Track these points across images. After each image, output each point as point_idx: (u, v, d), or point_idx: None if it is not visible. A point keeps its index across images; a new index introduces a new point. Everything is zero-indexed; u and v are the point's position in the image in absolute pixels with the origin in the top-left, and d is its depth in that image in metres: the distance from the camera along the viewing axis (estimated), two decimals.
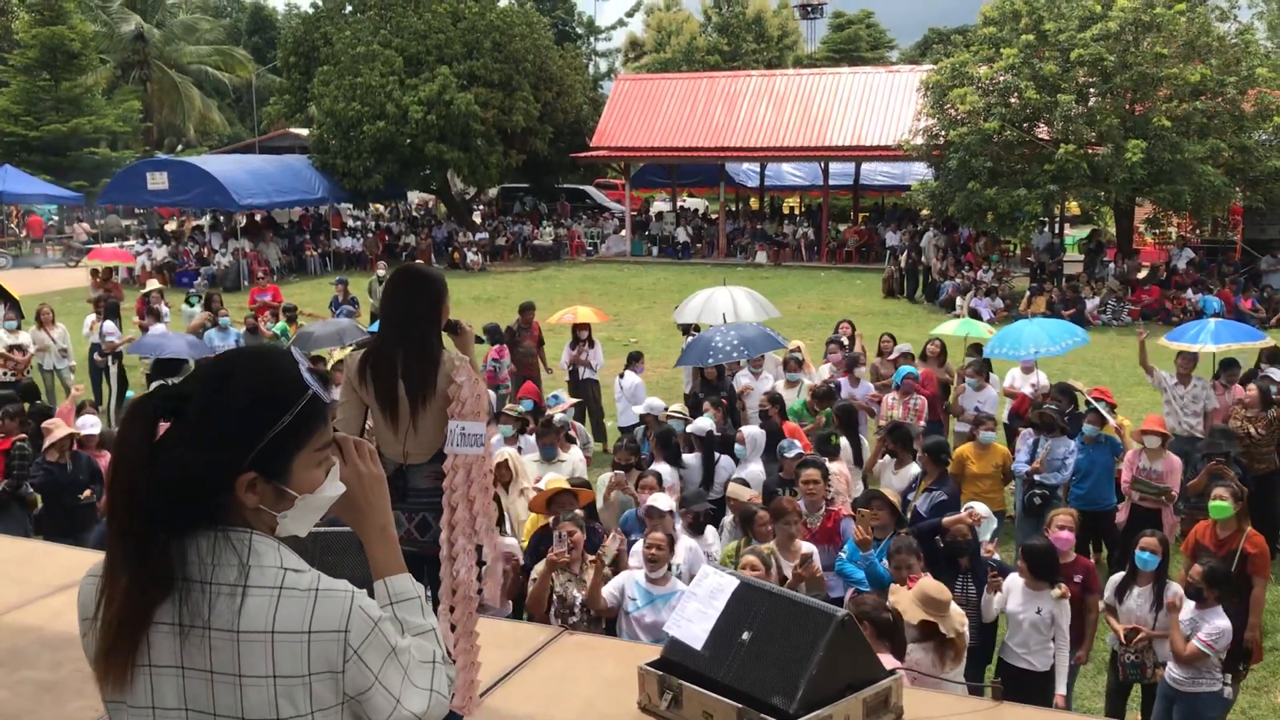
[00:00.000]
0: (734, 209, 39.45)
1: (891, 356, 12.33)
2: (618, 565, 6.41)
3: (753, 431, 9.30)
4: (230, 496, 1.85)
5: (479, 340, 4.36)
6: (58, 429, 8.82)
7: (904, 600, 5.75)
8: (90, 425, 9.41)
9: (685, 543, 6.68)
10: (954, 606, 5.85)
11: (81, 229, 39.08)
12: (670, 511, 6.71)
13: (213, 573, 1.81)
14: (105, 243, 33.06)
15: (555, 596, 6.10)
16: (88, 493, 8.67)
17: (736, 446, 8.97)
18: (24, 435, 8.97)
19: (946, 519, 7.02)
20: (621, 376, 12.79)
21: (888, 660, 4.68)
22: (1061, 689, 6.40)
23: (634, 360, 13.01)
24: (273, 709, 1.80)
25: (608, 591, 6.04)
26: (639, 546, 6.47)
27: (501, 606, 6.04)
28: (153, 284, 19.42)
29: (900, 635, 5.43)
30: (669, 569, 6.06)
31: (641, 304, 25.19)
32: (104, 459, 9.08)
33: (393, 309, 4.14)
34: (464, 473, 3.96)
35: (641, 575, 6.06)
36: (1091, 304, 22.77)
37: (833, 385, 10.96)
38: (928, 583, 5.81)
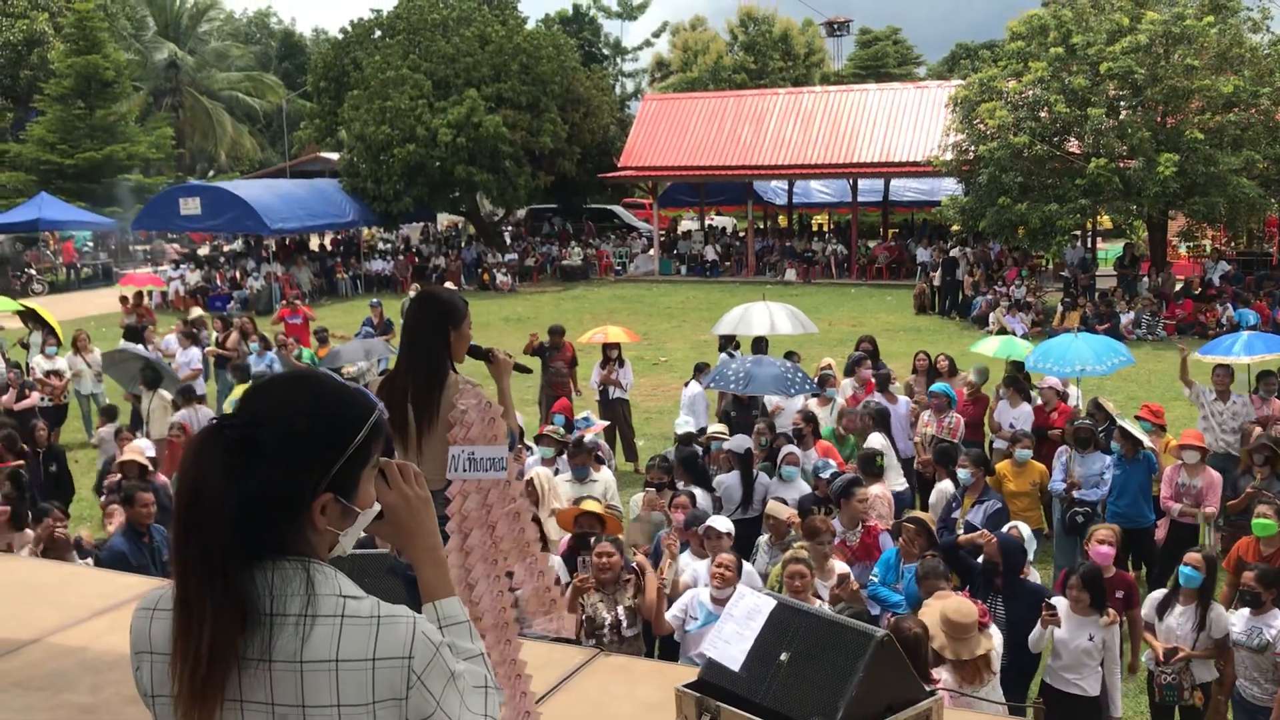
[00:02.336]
0: (762, 227, 39.42)
1: (961, 376, 12.18)
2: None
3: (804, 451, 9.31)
4: (305, 520, 1.85)
5: (519, 369, 4.30)
6: (130, 452, 8.97)
7: (930, 617, 5.68)
8: (149, 447, 9.60)
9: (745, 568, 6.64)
10: (990, 635, 5.77)
11: (172, 249, 39.78)
12: (728, 533, 6.69)
13: (276, 604, 1.80)
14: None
15: (585, 618, 6.11)
16: None
17: (785, 468, 8.89)
18: (21, 461, 9.09)
19: (964, 537, 6.92)
20: (686, 385, 12.78)
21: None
22: (1117, 712, 6.29)
23: (699, 370, 12.96)
24: None
25: (672, 615, 6.08)
26: (689, 562, 6.53)
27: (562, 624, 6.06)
28: (196, 311, 19.65)
29: (923, 654, 5.35)
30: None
31: (671, 323, 25.19)
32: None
33: (405, 333, 4.17)
34: (479, 497, 3.90)
35: (706, 593, 6.07)
36: (1126, 319, 22.56)
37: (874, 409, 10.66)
38: (950, 605, 5.71)
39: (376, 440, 1.94)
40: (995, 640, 5.85)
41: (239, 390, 12.19)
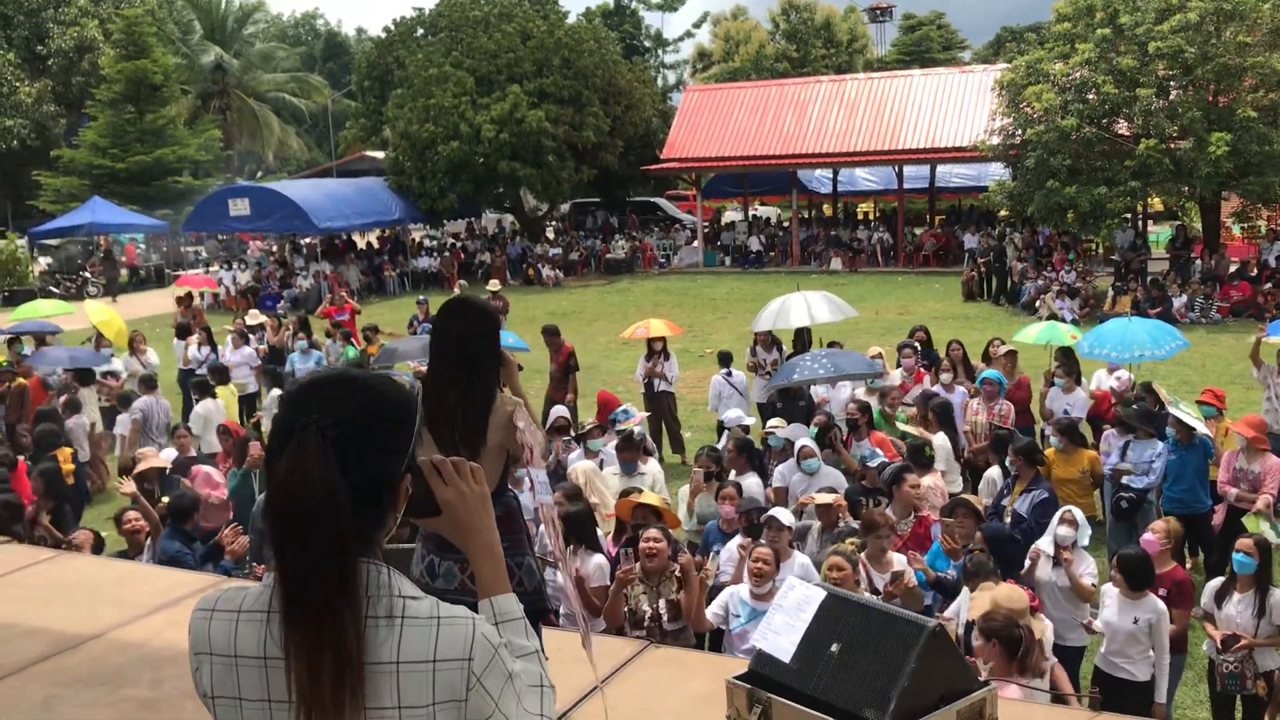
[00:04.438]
0: (807, 216, 39.19)
1: (1001, 354, 12.04)
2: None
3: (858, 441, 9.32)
4: (391, 506, 1.88)
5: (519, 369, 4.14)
6: (148, 459, 9.15)
7: (981, 605, 5.62)
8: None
9: (799, 559, 6.59)
10: (1042, 619, 5.70)
11: (255, 247, 40.49)
12: (789, 526, 6.64)
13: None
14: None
15: (627, 610, 6.11)
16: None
17: (806, 461, 8.78)
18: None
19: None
20: (730, 375, 12.71)
21: (1011, 689, 4.56)
22: (1161, 698, 6.21)
23: (725, 361, 12.99)
24: None
25: (711, 611, 6.04)
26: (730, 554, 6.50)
27: (595, 620, 6.05)
28: (255, 314, 19.90)
29: (1031, 653, 5.28)
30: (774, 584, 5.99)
31: (716, 314, 25.14)
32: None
33: (446, 344, 3.82)
34: (550, 522, 3.82)
35: (745, 590, 6.02)
36: (1179, 302, 22.19)
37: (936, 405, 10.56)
38: (1002, 592, 5.65)
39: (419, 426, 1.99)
40: (1048, 628, 5.79)
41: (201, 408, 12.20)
